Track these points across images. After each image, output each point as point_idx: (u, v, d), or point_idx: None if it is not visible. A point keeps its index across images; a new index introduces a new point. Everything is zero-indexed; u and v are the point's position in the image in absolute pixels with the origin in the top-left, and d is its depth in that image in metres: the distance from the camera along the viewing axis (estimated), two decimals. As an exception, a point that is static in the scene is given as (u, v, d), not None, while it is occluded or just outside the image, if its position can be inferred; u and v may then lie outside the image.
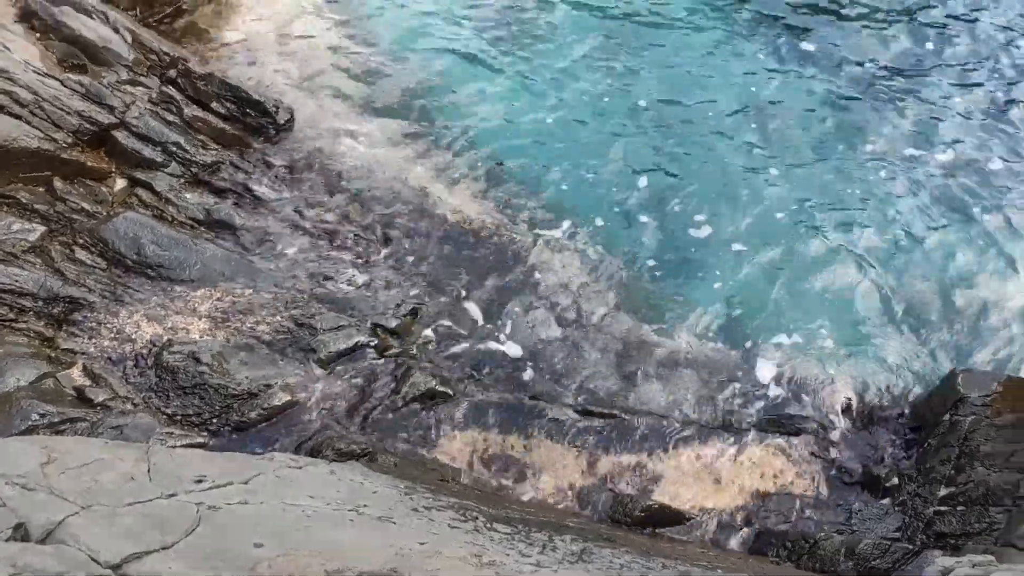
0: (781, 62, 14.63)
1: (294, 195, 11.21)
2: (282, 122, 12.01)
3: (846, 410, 9.85)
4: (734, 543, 8.65)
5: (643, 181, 12.33)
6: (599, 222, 11.74)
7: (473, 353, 9.97)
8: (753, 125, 13.41)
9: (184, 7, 13.43)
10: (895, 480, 8.94)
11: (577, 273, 11.00)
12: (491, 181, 12.06)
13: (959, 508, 8.05)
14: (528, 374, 9.84)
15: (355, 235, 10.90)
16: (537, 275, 10.87)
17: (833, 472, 9.22)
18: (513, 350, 10.05)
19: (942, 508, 8.20)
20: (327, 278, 10.19)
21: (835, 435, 9.59)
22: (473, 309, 10.39)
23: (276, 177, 11.35)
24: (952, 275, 11.46)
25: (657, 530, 8.63)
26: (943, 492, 8.33)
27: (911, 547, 7.90)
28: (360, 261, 10.65)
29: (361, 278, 10.27)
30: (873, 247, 11.75)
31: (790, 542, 8.36)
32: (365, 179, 11.68)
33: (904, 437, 9.50)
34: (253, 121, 11.91)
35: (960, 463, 8.43)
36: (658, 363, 10.10)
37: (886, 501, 8.87)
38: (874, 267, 11.46)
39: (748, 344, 10.46)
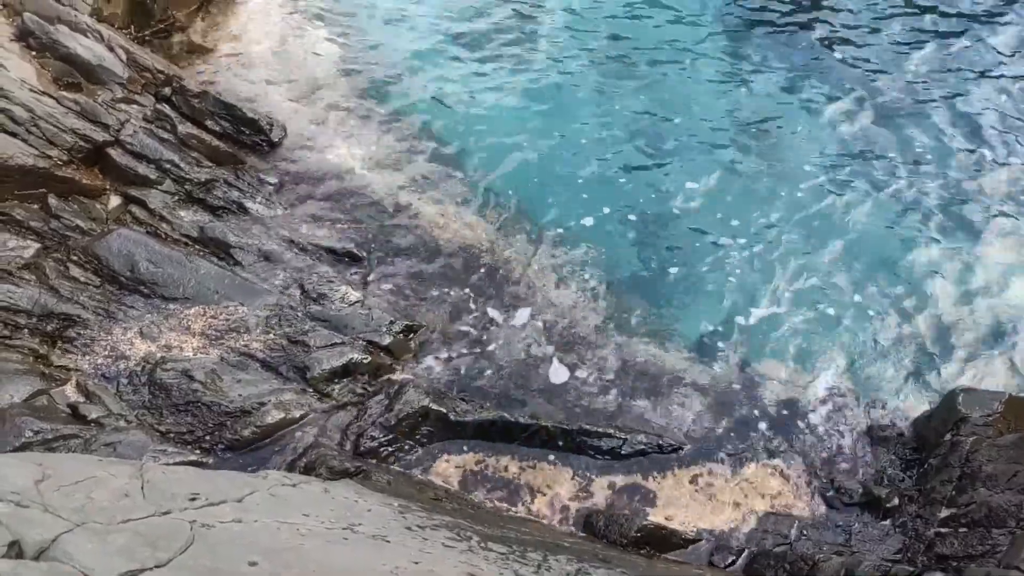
0: (779, 76, 14.77)
1: (288, 212, 11.20)
2: (276, 139, 12.05)
3: (846, 430, 9.80)
4: (732, 564, 8.57)
5: (642, 200, 12.34)
6: (595, 242, 11.71)
7: (467, 371, 9.91)
8: (754, 139, 13.55)
9: (178, 23, 13.44)
10: (895, 501, 8.88)
11: (572, 292, 10.97)
12: (485, 199, 12.06)
13: (961, 530, 7.97)
14: (522, 392, 9.78)
15: (349, 252, 10.87)
16: (532, 294, 10.84)
17: (833, 493, 9.17)
18: (508, 369, 10.00)
19: (943, 530, 8.12)
20: (321, 295, 10.14)
21: (835, 455, 9.54)
22: (467, 327, 10.35)
23: (270, 194, 11.34)
24: (953, 294, 11.44)
25: (653, 551, 8.56)
26: (944, 513, 8.27)
27: (912, 569, 7.85)
28: (354, 278, 10.62)
29: (354, 295, 10.23)
30: (874, 265, 11.74)
31: (789, 563, 8.28)
32: (359, 196, 11.68)
33: (905, 457, 9.45)
34: (247, 139, 11.95)
35: (962, 484, 8.37)
36: (654, 382, 10.05)
37: (886, 522, 8.80)
38: (874, 286, 11.43)
39: (746, 363, 10.42)
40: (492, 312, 10.57)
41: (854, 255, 11.85)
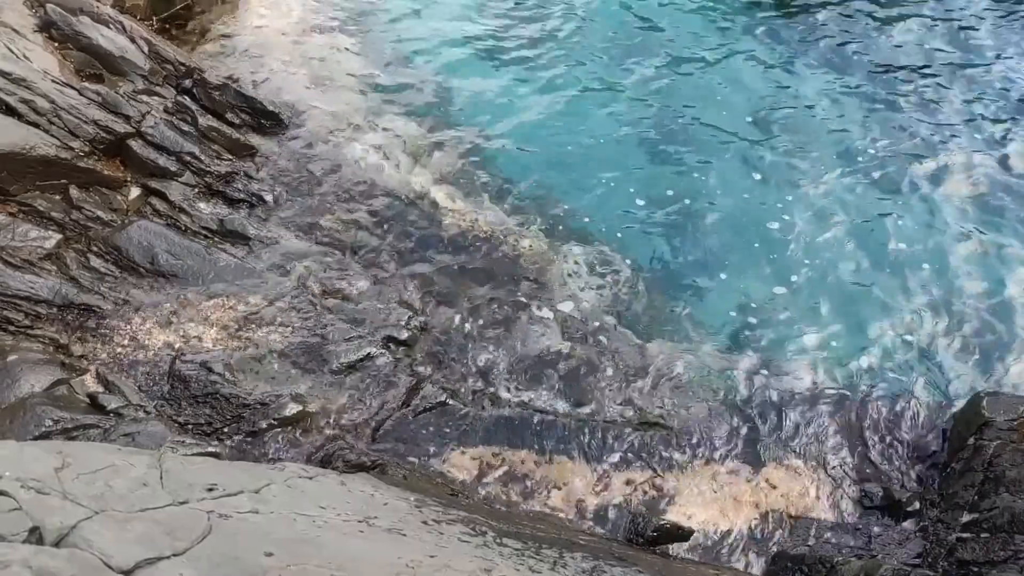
0: (798, 68, 14.65)
1: (307, 205, 11.19)
2: (296, 131, 12.09)
3: (868, 432, 9.71)
4: (750, 565, 8.51)
5: (657, 192, 12.27)
6: (613, 235, 11.65)
7: (484, 366, 9.88)
8: (769, 134, 13.40)
9: (198, 10, 13.49)
10: (917, 505, 8.81)
11: (589, 286, 10.91)
12: (501, 191, 12.04)
13: (983, 535, 7.87)
14: (539, 387, 9.73)
15: (368, 244, 10.87)
16: (549, 288, 10.79)
17: (853, 495, 9.09)
18: (524, 363, 9.96)
19: (965, 535, 8.03)
20: (339, 289, 10.15)
21: (856, 457, 9.45)
22: (484, 321, 10.31)
23: (289, 187, 11.34)
24: (976, 294, 11.29)
25: (671, 550, 8.50)
26: (966, 518, 8.18)
27: (932, 574, 7.77)
28: (372, 271, 10.61)
29: (373, 289, 10.23)
30: (895, 263, 11.60)
31: (807, 566, 8.21)
32: (378, 187, 11.66)
33: (927, 461, 9.36)
34: (267, 131, 11.99)
35: (984, 489, 8.27)
36: (673, 379, 9.98)
37: (907, 526, 8.73)
38: (896, 284, 11.30)
39: (767, 362, 10.34)
40: (509, 307, 10.52)
41: (884, 251, 11.72)
